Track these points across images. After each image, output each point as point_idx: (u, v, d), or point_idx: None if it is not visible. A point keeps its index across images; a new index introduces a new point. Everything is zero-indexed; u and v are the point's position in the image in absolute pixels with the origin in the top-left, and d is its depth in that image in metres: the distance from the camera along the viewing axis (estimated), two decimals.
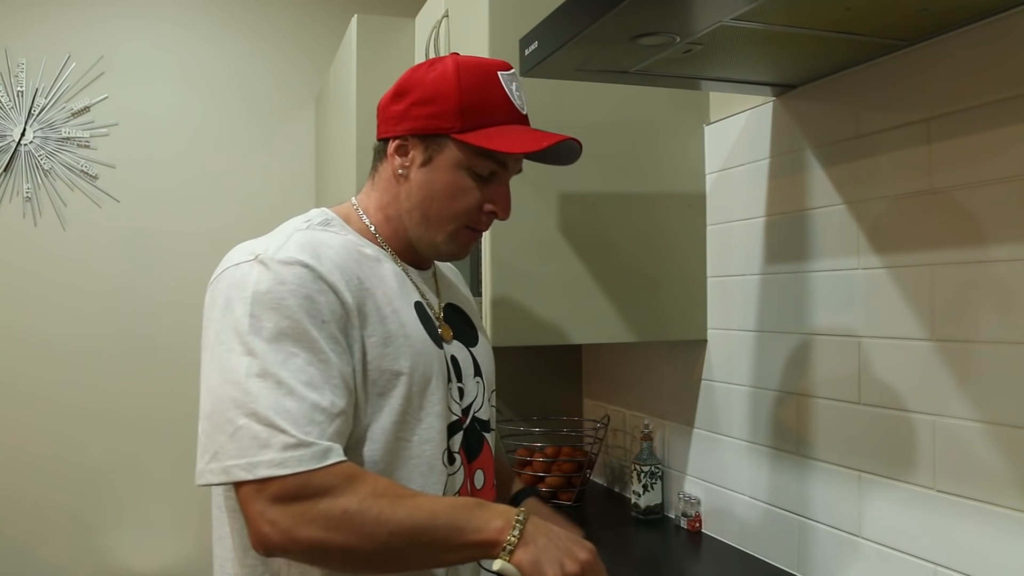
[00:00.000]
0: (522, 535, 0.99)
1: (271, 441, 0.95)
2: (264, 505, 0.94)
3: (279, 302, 1.01)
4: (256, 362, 0.98)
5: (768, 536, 1.74)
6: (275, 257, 1.05)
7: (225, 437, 0.96)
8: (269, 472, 0.94)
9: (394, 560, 0.98)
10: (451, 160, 1.16)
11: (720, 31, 1.24)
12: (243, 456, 0.95)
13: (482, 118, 1.15)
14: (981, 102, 1.25)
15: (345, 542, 0.95)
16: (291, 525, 0.94)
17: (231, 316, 1.02)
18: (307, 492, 0.95)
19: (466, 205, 1.18)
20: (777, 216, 1.71)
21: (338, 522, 0.95)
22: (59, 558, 3.17)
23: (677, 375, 2.09)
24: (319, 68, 3.54)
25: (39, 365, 3.19)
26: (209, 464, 0.97)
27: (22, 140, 3.17)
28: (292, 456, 0.94)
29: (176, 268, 3.35)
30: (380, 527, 0.96)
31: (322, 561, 1.01)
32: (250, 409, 0.96)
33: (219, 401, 0.99)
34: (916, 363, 1.37)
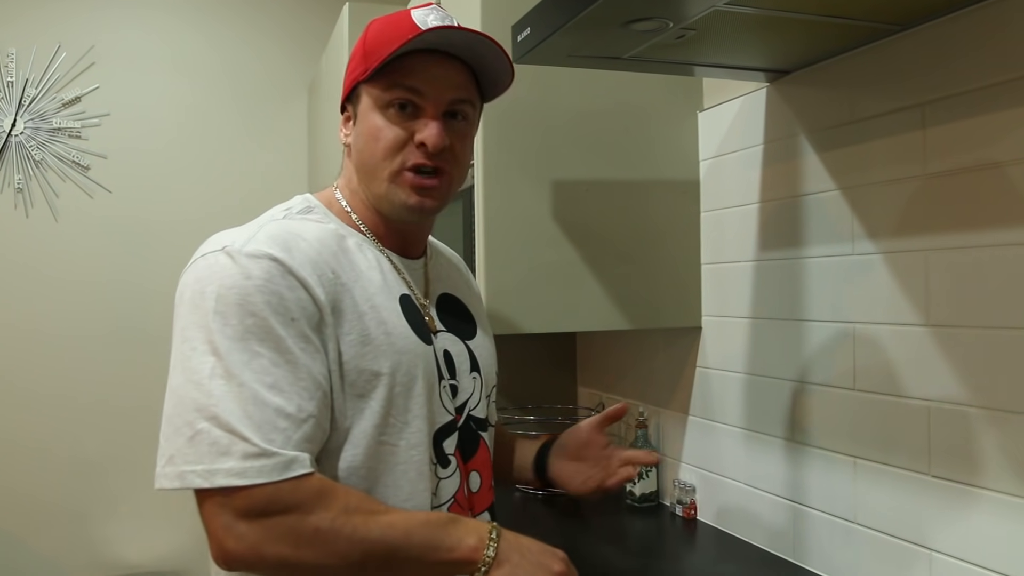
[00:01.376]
0: (496, 554, 0.98)
1: (231, 448, 0.90)
2: (230, 519, 0.90)
3: (245, 298, 0.96)
4: (220, 363, 0.93)
5: (763, 523, 1.74)
6: (243, 250, 0.99)
7: (183, 440, 0.92)
8: (227, 481, 0.89)
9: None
10: (367, 107, 1.12)
11: (713, 16, 1.24)
12: (200, 462, 0.91)
13: (381, 52, 1.07)
14: (975, 87, 1.25)
15: (316, 561, 0.92)
16: (258, 541, 0.90)
17: (196, 312, 0.97)
18: (276, 507, 0.91)
19: (388, 142, 1.10)
20: (771, 202, 1.71)
21: (309, 540, 0.91)
22: (54, 550, 3.17)
23: (672, 363, 2.09)
24: (311, 57, 3.52)
25: (32, 357, 3.18)
26: (165, 468, 0.94)
27: (13, 131, 3.15)
28: (253, 466, 0.90)
29: (169, 258, 3.33)
30: (353, 546, 0.93)
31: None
32: (211, 413, 0.91)
33: (180, 402, 0.94)
34: (911, 349, 1.37)
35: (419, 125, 1.10)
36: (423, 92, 1.10)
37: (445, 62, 1.11)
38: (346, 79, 1.16)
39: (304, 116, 3.55)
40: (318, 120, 3.19)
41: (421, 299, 1.18)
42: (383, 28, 1.11)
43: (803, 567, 1.61)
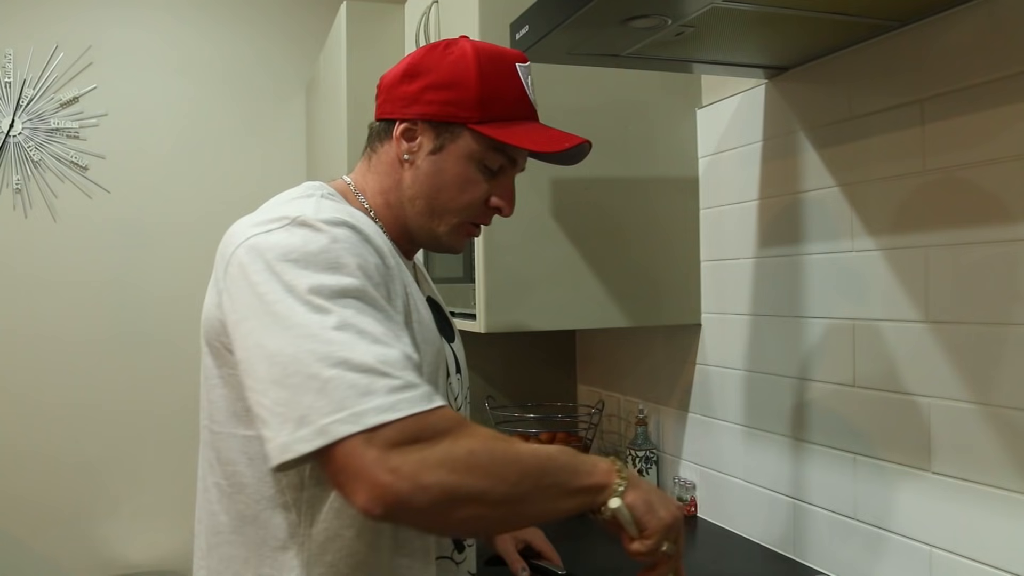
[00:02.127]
0: (628, 478, 0.97)
1: (374, 386, 0.84)
2: (380, 453, 0.82)
3: (336, 261, 0.92)
4: (329, 316, 0.87)
5: (763, 519, 1.74)
6: (319, 218, 0.96)
7: (312, 395, 0.84)
8: (379, 419, 0.82)
9: (519, 506, 0.91)
10: (464, 151, 1.10)
11: (712, 13, 1.24)
12: (343, 409, 0.82)
13: (500, 111, 1.10)
14: (974, 82, 1.25)
15: (477, 485, 0.86)
16: (416, 469, 0.83)
17: (282, 280, 0.90)
18: (427, 434, 0.85)
19: (473, 198, 1.12)
20: (770, 199, 1.71)
21: (466, 462, 0.86)
22: (55, 550, 3.17)
23: (671, 360, 2.09)
24: (309, 56, 3.52)
25: (31, 358, 3.18)
26: (297, 432, 0.83)
27: (11, 131, 3.15)
28: (402, 398, 0.84)
29: (168, 259, 3.34)
30: (508, 467, 0.89)
31: (450, 510, 0.86)
32: (338, 359, 0.85)
33: (292, 361, 0.85)
34: (911, 345, 1.37)
35: (498, 187, 1.14)
36: (516, 164, 1.16)
37: None
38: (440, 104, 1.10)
39: (302, 115, 3.55)
40: (316, 117, 3.19)
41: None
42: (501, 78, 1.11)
43: (803, 563, 1.62)
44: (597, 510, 0.96)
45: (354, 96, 2.44)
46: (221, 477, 1.04)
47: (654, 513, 0.97)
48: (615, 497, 0.94)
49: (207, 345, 1.04)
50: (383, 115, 1.15)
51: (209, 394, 1.04)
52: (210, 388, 1.04)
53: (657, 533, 0.96)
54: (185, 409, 3.33)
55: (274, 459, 0.85)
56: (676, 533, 0.99)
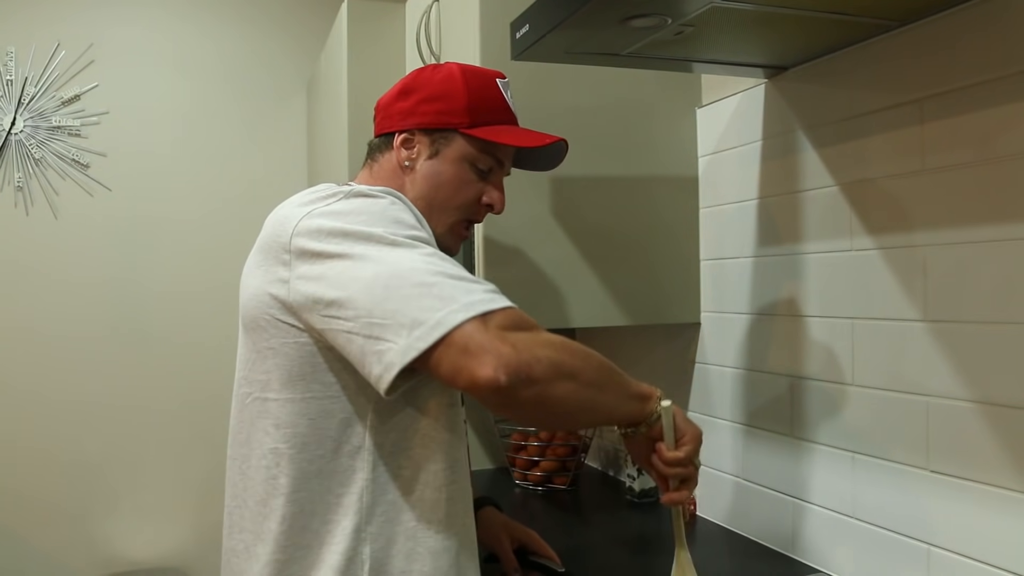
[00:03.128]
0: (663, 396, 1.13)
1: (472, 288, 0.97)
2: (498, 331, 0.94)
3: (399, 217, 1.05)
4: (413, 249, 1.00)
5: (762, 518, 1.75)
6: (366, 191, 1.08)
7: (421, 299, 0.94)
8: (485, 307, 0.94)
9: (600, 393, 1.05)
10: (457, 153, 1.24)
11: (711, 12, 1.24)
12: (452, 302, 0.94)
13: (486, 116, 1.24)
14: (974, 82, 1.25)
15: (574, 363, 1.00)
16: (530, 345, 0.95)
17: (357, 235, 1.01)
18: (526, 323, 0.98)
19: (468, 197, 1.25)
20: (770, 198, 1.71)
21: (564, 346, 1.00)
22: (56, 548, 3.18)
23: (671, 358, 2.09)
24: (310, 54, 3.52)
25: (32, 355, 3.19)
26: (412, 333, 0.93)
27: (12, 129, 3.15)
28: (497, 296, 0.98)
29: (169, 256, 3.34)
30: (591, 356, 1.04)
31: (557, 384, 0.97)
32: (436, 270, 0.97)
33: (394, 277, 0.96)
34: (909, 344, 1.37)
35: (487, 185, 1.28)
36: (504, 165, 1.30)
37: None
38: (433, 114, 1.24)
39: (303, 113, 3.55)
40: (317, 116, 3.19)
41: None
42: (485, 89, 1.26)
43: (802, 562, 1.62)
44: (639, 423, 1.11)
45: (355, 95, 2.45)
46: (280, 441, 1.09)
47: (689, 422, 1.14)
48: (666, 400, 1.11)
49: (252, 323, 1.11)
50: (382, 130, 1.29)
51: (259, 367, 1.11)
52: (261, 361, 1.11)
53: (693, 440, 1.13)
54: (186, 405, 3.34)
55: (396, 364, 0.93)
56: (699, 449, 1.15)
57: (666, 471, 1.14)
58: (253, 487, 1.12)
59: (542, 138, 1.27)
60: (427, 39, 2.14)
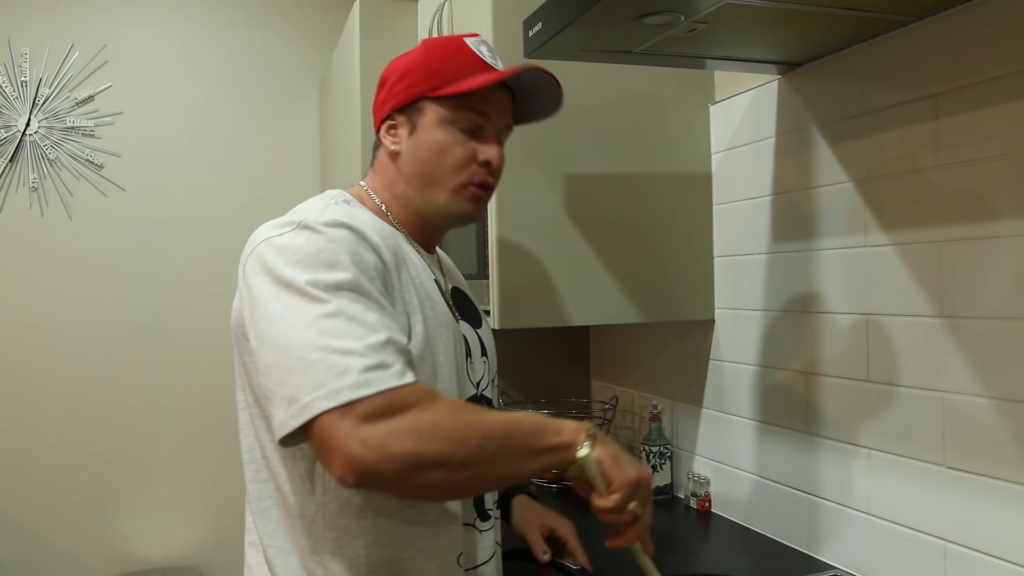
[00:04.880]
0: (596, 437, 1.03)
1: (350, 366, 0.93)
2: (351, 427, 0.91)
3: (333, 258, 1.02)
4: (321, 307, 0.98)
5: (778, 515, 1.74)
6: (319, 221, 1.06)
7: (298, 376, 0.94)
8: (352, 395, 0.92)
9: (484, 468, 0.99)
10: (433, 120, 1.20)
11: (724, 9, 1.24)
12: (322, 387, 0.93)
13: (451, 74, 1.19)
14: (988, 77, 1.24)
15: (440, 451, 0.94)
16: (383, 440, 0.92)
17: (285, 277, 1.01)
18: (394, 408, 0.93)
19: (457, 158, 1.20)
20: (783, 195, 1.71)
21: (431, 432, 0.94)
22: (72, 545, 3.20)
23: (685, 355, 2.09)
24: (322, 53, 3.53)
25: (48, 355, 3.21)
26: (288, 410, 0.95)
27: (27, 130, 3.17)
28: (374, 376, 0.94)
29: (183, 255, 3.36)
30: (471, 432, 0.96)
31: (415, 476, 0.95)
32: (322, 344, 0.95)
33: (287, 346, 0.97)
34: (924, 340, 1.37)
35: (482, 146, 1.21)
36: (490, 117, 1.21)
37: (504, 92, 1.23)
38: (399, 89, 1.23)
39: (316, 111, 3.56)
40: (330, 115, 3.20)
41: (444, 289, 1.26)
42: (448, 52, 1.21)
43: (818, 558, 1.62)
44: (567, 468, 1.03)
45: (368, 93, 2.45)
46: (260, 454, 1.15)
47: (620, 467, 1.03)
48: (582, 449, 1.01)
49: (234, 337, 1.14)
50: (375, 126, 1.29)
51: (241, 380, 1.16)
52: (241, 374, 1.16)
53: (624, 487, 1.02)
54: (201, 405, 3.35)
55: (276, 435, 0.97)
56: (644, 493, 1.04)
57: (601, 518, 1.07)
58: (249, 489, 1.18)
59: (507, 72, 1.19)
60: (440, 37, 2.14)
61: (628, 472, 1.03)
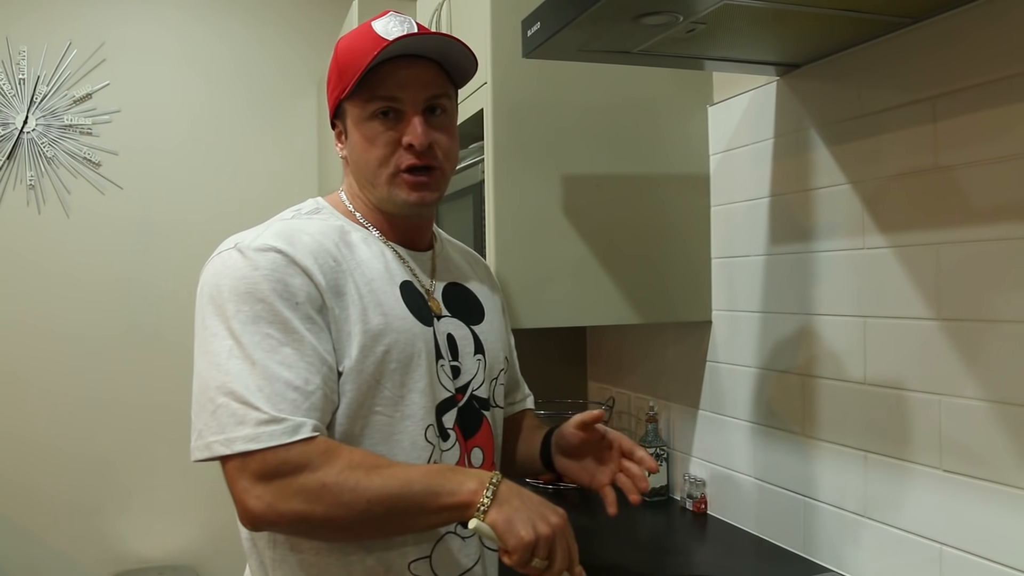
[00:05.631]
0: (495, 496, 1.04)
1: (246, 418, 1.01)
2: (248, 482, 1.01)
3: (254, 287, 1.07)
4: (236, 345, 1.04)
5: (774, 517, 1.74)
6: (251, 245, 1.10)
7: (208, 415, 1.04)
8: (245, 447, 1.00)
9: (373, 527, 1.06)
10: (353, 120, 1.21)
11: (723, 10, 1.23)
12: (222, 432, 1.02)
13: (354, 68, 1.17)
14: (987, 79, 1.24)
15: (326, 513, 1.01)
16: (274, 500, 1.00)
17: (213, 303, 1.08)
18: (287, 468, 1.00)
19: (382, 150, 1.19)
20: (781, 196, 1.70)
21: (318, 495, 1.00)
22: (68, 544, 3.20)
23: (682, 357, 2.09)
24: (320, 52, 3.53)
25: (44, 353, 3.21)
26: (196, 441, 1.05)
27: (24, 128, 3.17)
28: (265, 431, 1.00)
29: (179, 252, 3.35)
30: (358, 497, 1.01)
31: (305, 532, 1.08)
32: (228, 388, 1.02)
33: (203, 382, 1.06)
34: (921, 343, 1.37)
35: (403, 128, 1.19)
36: (399, 97, 1.18)
37: (413, 64, 1.19)
38: (329, 99, 1.27)
39: (314, 111, 3.56)
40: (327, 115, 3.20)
41: (426, 286, 1.26)
42: (351, 44, 1.20)
43: (813, 561, 1.62)
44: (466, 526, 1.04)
45: None
46: None
47: (513, 532, 1.02)
48: (474, 518, 1.02)
49: None
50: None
51: None
52: None
53: (518, 551, 1.02)
54: None
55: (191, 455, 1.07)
56: (547, 549, 1.04)
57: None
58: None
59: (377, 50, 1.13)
60: None
61: (521, 536, 1.01)
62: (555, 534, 1.04)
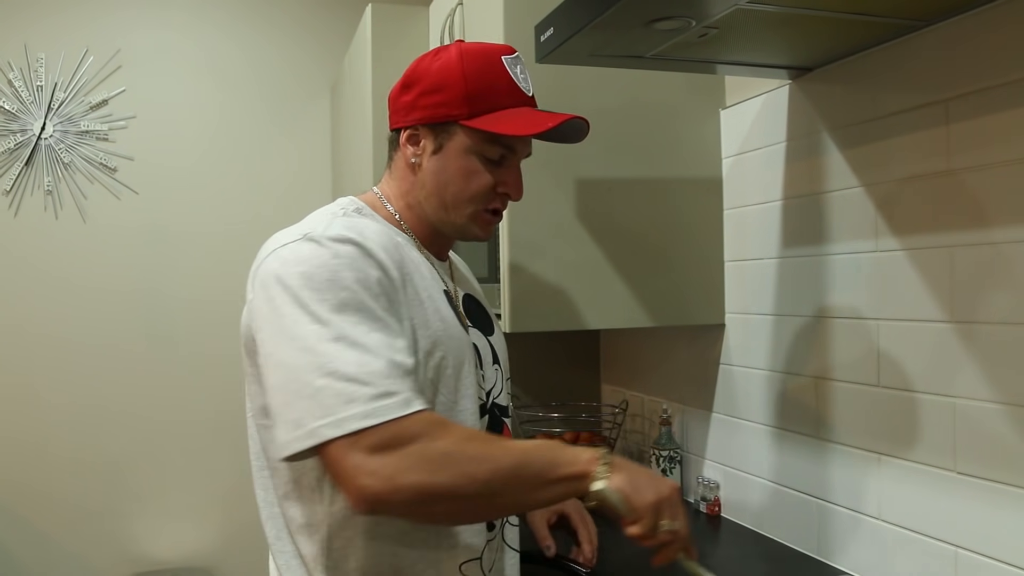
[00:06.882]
0: (611, 465, 1.02)
1: (356, 395, 0.94)
2: (361, 458, 0.93)
3: (336, 275, 1.02)
4: (326, 329, 0.98)
5: (787, 519, 1.74)
6: (325, 235, 1.06)
7: (306, 401, 0.96)
8: (359, 424, 0.93)
9: (495, 499, 1.00)
10: (461, 146, 1.18)
11: (736, 14, 1.24)
12: (329, 415, 0.94)
13: (488, 103, 1.17)
14: (1001, 82, 1.24)
15: (449, 483, 0.95)
16: (393, 472, 0.93)
17: (290, 292, 1.02)
18: (402, 439, 0.94)
19: (479, 188, 1.19)
20: (794, 199, 1.71)
21: (439, 463, 0.95)
22: (83, 547, 3.22)
23: (695, 360, 2.09)
24: (334, 57, 3.54)
25: (62, 358, 3.23)
26: (293, 432, 0.96)
27: (42, 134, 3.20)
28: (380, 406, 0.94)
29: (194, 258, 3.37)
30: (481, 465, 0.97)
31: (425, 507, 0.98)
32: (328, 370, 0.96)
33: (292, 370, 0.98)
34: (935, 345, 1.37)
35: (503, 173, 1.21)
36: (516, 150, 1.22)
37: None
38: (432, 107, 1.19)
39: (327, 116, 3.57)
40: (341, 120, 3.21)
41: (455, 297, 1.26)
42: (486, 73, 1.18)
43: (828, 563, 1.62)
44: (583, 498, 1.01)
45: (379, 97, 2.46)
46: (265, 462, 1.17)
47: (640, 494, 1.01)
48: (599, 480, 1.00)
49: (243, 347, 1.14)
50: (392, 126, 1.26)
51: (248, 389, 1.17)
52: (248, 384, 1.16)
53: (647, 513, 1.01)
54: (211, 410, 3.37)
55: (278, 454, 0.99)
56: (671, 508, 1.03)
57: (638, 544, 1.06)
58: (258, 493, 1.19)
59: (546, 121, 1.17)
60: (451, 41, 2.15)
61: (647, 497, 1.01)
62: (674, 495, 1.04)
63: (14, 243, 3.19)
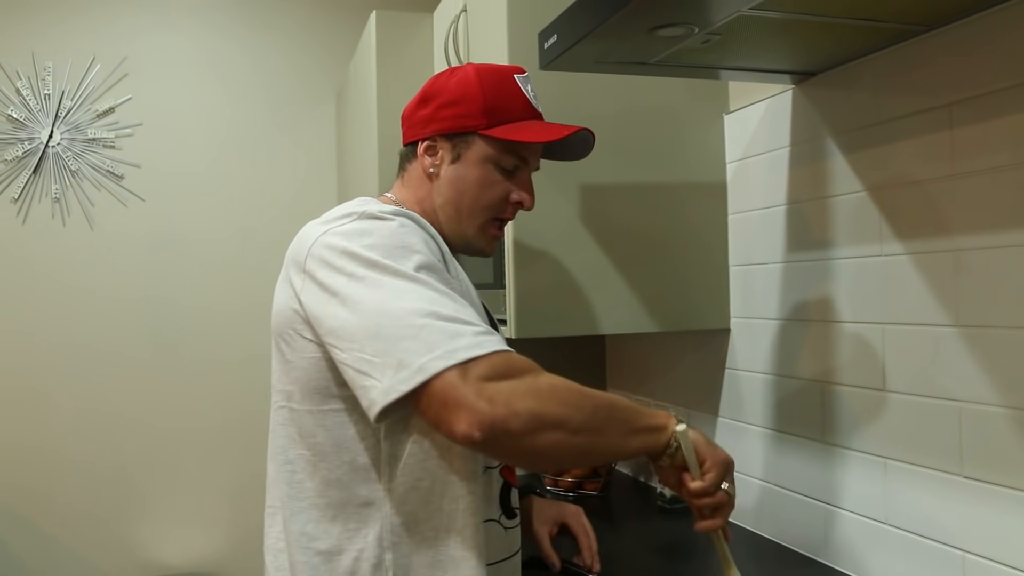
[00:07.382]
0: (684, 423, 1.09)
1: (461, 331, 0.96)
2: (476, 384, 0.93)
3: (406, 241, 1.06)
4: (412, 282, 1.00)
5: (794, 524, 1.74)
6: (382, 211, 1.10)
7: (408, 341, 0.95)
8: (469, 354, 0.94)
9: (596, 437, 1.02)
10: (479, 155, 1.24)
11: (738, 21, 1.24)
12: (436, 348, 0.94)
13: (504, 115, 1.24)
14: (1003, 86, 1.24)
15: (559, 413, 0.98)
16: (509, 396, 0.94)
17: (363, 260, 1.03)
18: (512, 370, 0.97)
19: (495, 196, 1.26)
20: (798, 204, 1.71)
21: (549, 394, 0.98)
22: (91, 553, 3.23)
23: (701, 364, 2.09)
24: (339, 64, 3.56)
25: (69, 365, 3.24)
26: (396, 375, 0.95)
27: (50, 142, 3.21)
28: (487, 339, 0.97)
29: (202, 265, 3.39)
30: (585, 400, 1.01)
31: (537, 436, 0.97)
32: (428, 310, 0.97)
33: (387, 315, 0.97)
34: (941, 349, 1.37)
35: (516, 183, 1.28)
36: (529, 161, 1.29)
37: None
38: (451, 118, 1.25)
39: (332, 122, 3.58)
40: (346, 126, 3.22)
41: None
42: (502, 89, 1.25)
43: (835, 568, 1.61)
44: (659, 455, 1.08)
45: (384, 104, 2.47)
46: (304, 449, 1.14)
47: (712, 448, 1.11)
48: (682, 423, 1.08)
49: (279, 337, 1.15)
50: (408, 140, 1.31)
51: (286, 378, 1.16)
52: (286, 372, 1.15)
53: (718, 466, 1.10)
54: (218, 416, 3.38)
55: (378, 403, 0.96)
56: (732, 476, 1.13)
57: (694, 502, 1.12)
58: (282, 490, 1.17)
59: (561, 130, 1.25)
60: (455, 49, 2.16)
61: (719, 453, 1.11)
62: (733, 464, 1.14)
63: (22, 250, 3.21)
